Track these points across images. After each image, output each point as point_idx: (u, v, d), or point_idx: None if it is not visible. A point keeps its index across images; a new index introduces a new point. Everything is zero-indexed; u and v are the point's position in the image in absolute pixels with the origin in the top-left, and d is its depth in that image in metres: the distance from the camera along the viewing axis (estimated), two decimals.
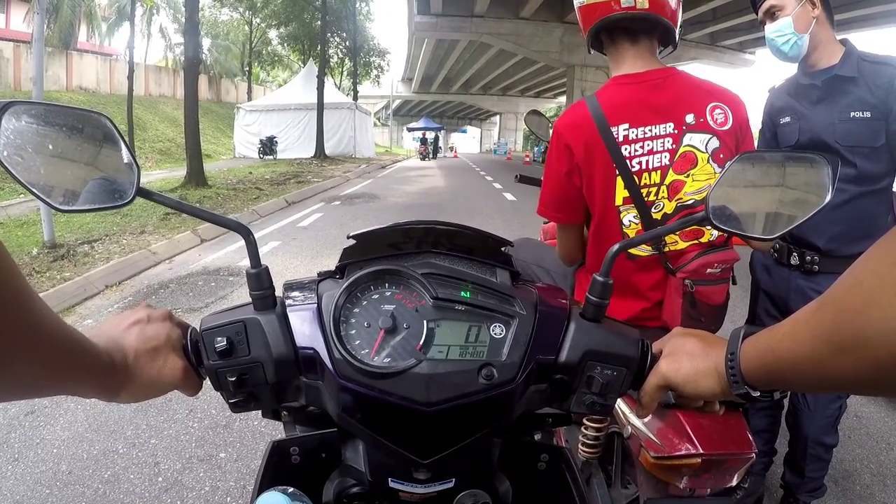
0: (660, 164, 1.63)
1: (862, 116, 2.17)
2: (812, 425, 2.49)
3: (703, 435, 1.48)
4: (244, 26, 45.10)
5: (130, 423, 3.49)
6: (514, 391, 0.79)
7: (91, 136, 0.79)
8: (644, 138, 1.63)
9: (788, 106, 2.40)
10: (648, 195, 1.64)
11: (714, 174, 1.61)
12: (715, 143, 1.62)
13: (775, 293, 2.53)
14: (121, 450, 3.22)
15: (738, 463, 1.51)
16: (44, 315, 0.58)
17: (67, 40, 31.75)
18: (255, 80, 53.20)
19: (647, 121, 1.63)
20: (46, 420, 3.53)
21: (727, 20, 24.31)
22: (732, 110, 1.66)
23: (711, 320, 1.70)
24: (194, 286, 6.40)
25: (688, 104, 1.64)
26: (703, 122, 1.62)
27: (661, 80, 1.67)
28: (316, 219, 11.37)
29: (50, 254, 7.12)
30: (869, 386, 0.56)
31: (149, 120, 30.52)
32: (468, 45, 36.09)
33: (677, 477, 1.51)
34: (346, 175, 21.23)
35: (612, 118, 1.64)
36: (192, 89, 15.16)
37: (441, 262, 0.89)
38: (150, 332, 0.81)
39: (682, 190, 1.63)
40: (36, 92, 7.29)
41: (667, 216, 1.64)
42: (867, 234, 2.26)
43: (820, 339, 0.57)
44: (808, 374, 0.62)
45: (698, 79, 1.72)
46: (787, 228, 0.84)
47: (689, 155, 1.62)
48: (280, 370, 0.83)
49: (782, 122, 2.42)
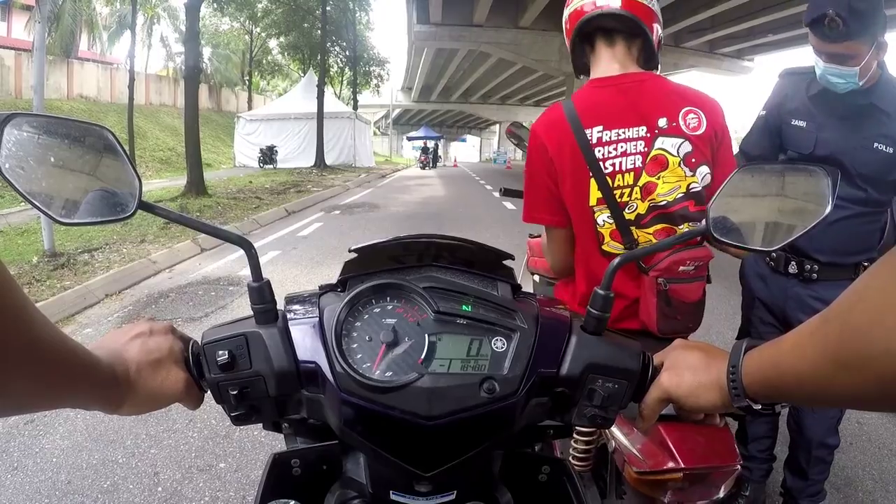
0: (633, 165, 1.64)
1: (885, 150, 2.15)
2: (816, 427, 2.49)
3: (686, 448, 1.47)
4: (245, 36, 45.32)
5: (130, 433, 3.49)
6: (516, 405, 0.79)
7: (92, 148, 0.80)
8: (617, 140, 1.64)
9: (806, 109, 2.32)
10: (622, 196, 1.65)
11: (685, 177, 1.63)
12: (687, 147, 1.62)
13: (771, 301, 2.53)
14: (120, 459, 3.22)
15: (723, 475, 1.50)
16: (45, 329, 0.58)
17: (68, 49, 31.87)
18: (256, 89, 53.31)
19: (621, 123, 1.65)
20: (46, 429, 3.52)
21: (725, 27, 24.38)
22: (707, 116, 1.65)
23: (688, 318, 1.70)
24: (194, 295, 6.40)
25: (661, 108, 1.65)
26: (676, 126, 1.63)
27: (636, 84, 1.68)
28: (316, 228, 11.39)
29: (50, 262, 7.12)
30: (871, 403, 0.57)
31: (149, 129, 30.59)
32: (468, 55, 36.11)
33: (661, 492, 1.49)
34: (346, 184, 21.28)
35: (587, 120, 1.66)
36: (192, 98, 15.21)
37: (442, 276, 0.89)
38: (153, 344, 0.81)
39: (654, 191, 1.64)
40: (37, 100, 7.29)
41: (640, 216, 1.65)
42: (865, 248, 2.32)
43: (824, 356, 0.58)
44: (810, 390, 0.62)
45: (675, 84, 1.73)
46: (787, 240, 0.84)
47: (659, 158, 1.63)
48: (281, 384, 0.83)
49: (795, 124, 2.34)
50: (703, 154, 1.64)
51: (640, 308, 1.70)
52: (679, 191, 1.63)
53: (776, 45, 28.20)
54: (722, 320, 5.60)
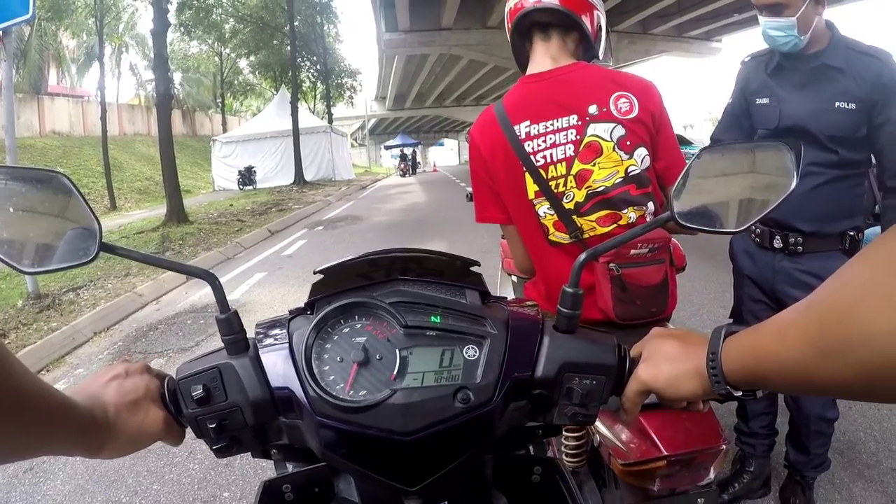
0: (564, 155, 1.68)
1: (846, 108, 2.17)
2: (813, 402, 2.51)
3: (667, 435, 1.47)
4: (214, 57, 45.01)
5: (131, 471, 3.47)
6: (493, 411, 0.79)
7: (53, 193, 0.81)
8: (546, 132, 1.69)
9: (766, 86, 2.38)
10: (557, 186, 1.69)
11: (622, 161, 1.66)
12: (620, 130, 1.65)
13: (759, 277, 2.55)
14: (124, 499, 3.21)
15: (709, 457, 1.50)
16: (24, 379, 0.59)
17: (38, 85, 31.60)
18: (229, 110, 53.07)
19: (549, 115, 1.69)
20: (46, 476, 3.50)
21: (692, 10, 24.60)
22: (639, 98, 1.68)
23: (649, 303, 1.70)
24: (183, 325, 6.38)
25: (591, 95, 1.68)
26: (607, 111, 1.66)
27: (565, 75, 1.72)
28: (300, 246, 11.38)
29: (35, 305, 7.07)
30: (853, 391, 0.55)
31: (125, 160, 30.39)
32: (439, 59, 36.15)
33: (649, 481, 1.49)
34: (328, 199, 21.26)
35: (514, 117, 1.72)
36: (165, 125, 15.12)
37: (410, 289, 0.88)
38: (129, 385, 0.81)
39: (590, 178, 1.67)
40: (8, 141, 7.14)
41: (579, 204, 1.69)
42: (848, 214, 2.32)
43: (805, 342, 0.57)
44: (791, 377, 0.62)
45: (607, 70, 1.76)
46: (755, 219, 0.85)
47: (593, 145, 1.66)
48: (258, 412, 0.83)
49: (759, 103, 2.40)
50: (638, 136, 1.67)
51: (595, 295, 1.70)
52: (617, 176, 1.66)
53: (742, 24, 28.44)
54: (711, 299, 5.64)
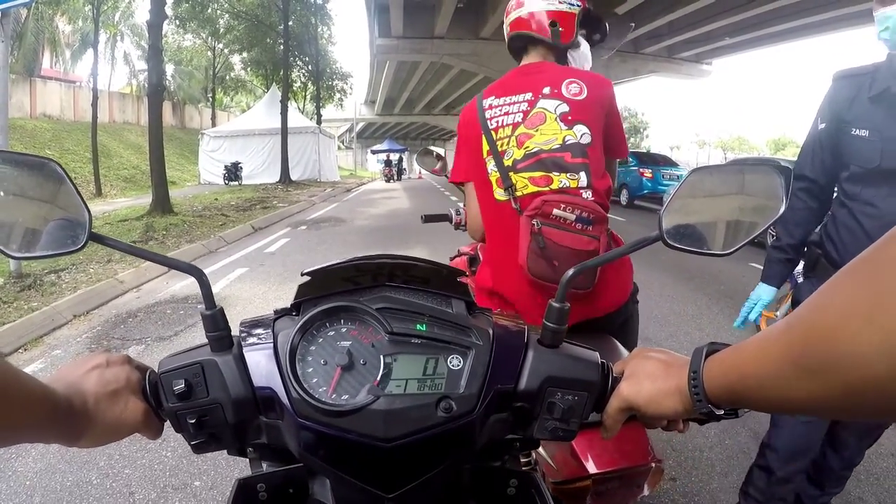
0: (512, 121, 1.94)
1: None
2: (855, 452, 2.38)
3: (594, 454, 1.45)
4: (207, 52, 44.89)
5: (103, 454, 3.48)
6: (474, 422, 0.79)
7: (44, 180, 0.82)
8: (504, 104, 1.97)
9: (867, 115, 1.95)
10: (502, 145, 1.95)
11: (561, 131, 1.86)
12: (564, 107, 1.88)
13: None
14: (94, 481, 3.23)
15: (640, 475, 1.48)
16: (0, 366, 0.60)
17: (31, 67, 31.38)
18: (219, 105, 52.81)
19: (510, 92, 1.98)
20: (18, 452, 3.50)
21: (683, 32, 24.93)
22: (589, 86, 1.91)
23: (566, 263, 1.68)
24: (163, 315, 6.37)
25: (548, 80, 1.93)
26: (558, 92, 1.90)
27: (534, 67, 2.03)
28: (283, 244, 11.36)
29: (17, 284, 7.04)
30: (836, 410, 0.55)
31: (113, 147, 30.19)
32: (430, 67, 36.27)
33: (580, 500, 1.46)
34: (312, 199, 21.22)
35: (486, 94, 2.05)
36: (156, 116, 15.05)
37: (396, 296, 0.88)
38: (110, 375, 0.81)
39: (528, 140, 1.89)
40: (0, 120, 7.20)
41: (516, 161, 1.90)
42: None
43: (787, 360, 0.57)
44: (773, 396, 0.61)
45: (571, 68, 2.06)
46: (746, 240, 0.84)
47: (539, 114, 1.90)
48: (239, 411, 0.83)
49: (856, 134, 1.97)
50: (579, 115, 1.88)
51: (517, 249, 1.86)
52: (555, 142, 1.86)
53: (733, 48, 28.89)
54: (688, 320, 5.73)
